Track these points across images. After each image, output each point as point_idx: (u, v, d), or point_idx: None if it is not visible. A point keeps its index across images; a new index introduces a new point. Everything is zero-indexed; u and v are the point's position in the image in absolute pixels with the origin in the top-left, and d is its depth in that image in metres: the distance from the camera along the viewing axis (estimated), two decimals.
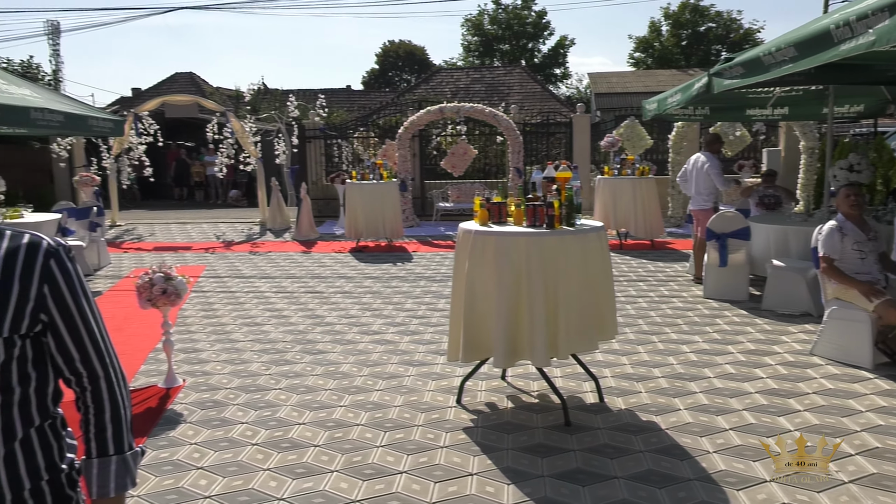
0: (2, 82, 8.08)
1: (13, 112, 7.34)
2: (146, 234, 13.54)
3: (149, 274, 4.67)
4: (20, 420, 1.29)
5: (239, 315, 6.99)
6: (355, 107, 27.92)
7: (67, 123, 8.35)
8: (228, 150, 13.89)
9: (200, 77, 26.47)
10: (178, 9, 55.69)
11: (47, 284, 1.30)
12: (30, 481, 1.30)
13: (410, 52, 44.96)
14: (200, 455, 3.73)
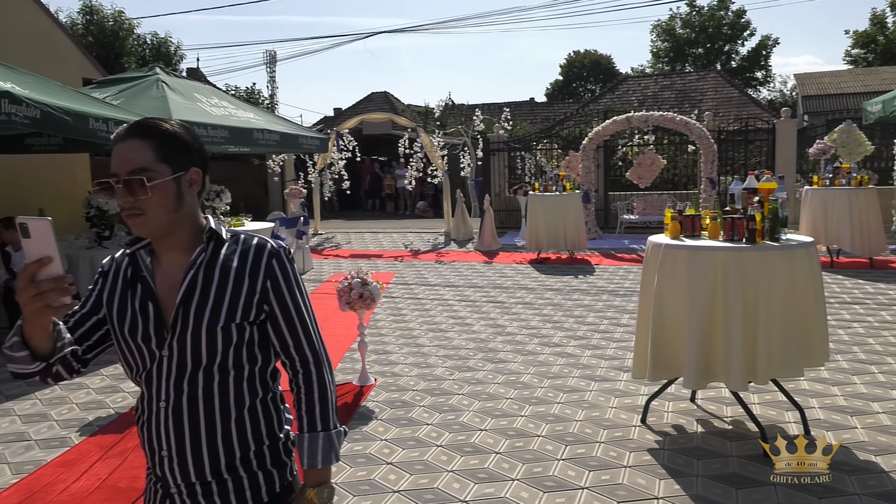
0: (232, 107, 9.23)
1: (241, 133, 8.34)
2: (343, 242, 14.66)
3: (348, 279, 5.05)
4: (248, 392, 1.52)
5: (425, 321, 7.32)
6: (538, 119, 28.05)
7: (282, 142, 9.33)
8: (418, 163, 14.62)
9: (393, 95, 28.21)
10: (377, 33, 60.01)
11: (269, 280, 1.52)
12: (254, 444, 1.52)
13: (596, 61, 44.24)
14: (390, 451, 3.95)
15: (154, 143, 1.44)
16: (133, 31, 21.50)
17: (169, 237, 1.51)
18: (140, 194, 1.42)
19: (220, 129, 7.85)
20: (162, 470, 1.50)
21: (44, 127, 5.67)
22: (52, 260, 1.30)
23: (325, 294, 8.82)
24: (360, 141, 16.53)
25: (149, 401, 1.50)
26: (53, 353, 1.44)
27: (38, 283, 1.29)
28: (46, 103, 5.59)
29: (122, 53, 20.46)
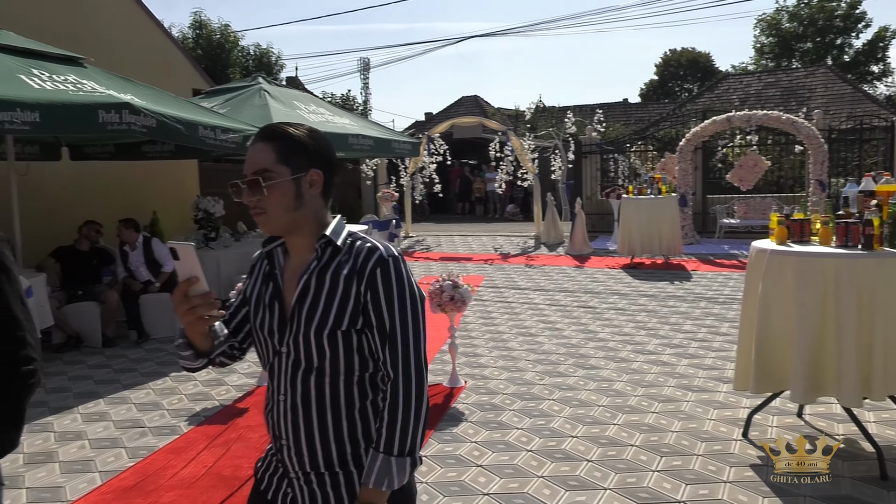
0: (328, 114, 9.54)
1: (337, 138, 8.60)
2: (434, 245, 14.83)
3: (439, 281, 5.11)
4: (358, 394, 1.55)
5: (515, 325, 7.28)
6: (632, 120, 27.35)
7: (376, 146, 9.55)
8: (508, 166, 14.59)
9: (484, 99, 28.29)
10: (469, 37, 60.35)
11: (369, 290, 1.50)
12: (363, 442, 1.55)
13: (694, 59, 42.64)
14: (480, 454, 3.96)
15: (276, 145, 1.52)
16: (238, 43, 22.67)
17: (294, 236, 1.58)
18: (259, 194, 1.51)
19: None
20: (282, 456, 1.59)
21: (159, 135, 6.07)
22: (199, 279, 1.49)
23: None
24: (451, 145, 16.69)
25: (272, 392, 1.60)
26: (213, 350, 1.63)
27: (189, 298, 1.49)
28: (161, 113, 5.98)
29: (228, 64, 21.60)
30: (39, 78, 5.53)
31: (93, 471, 3.87)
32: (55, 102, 5.22)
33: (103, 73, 6.50)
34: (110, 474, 3.83)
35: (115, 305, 7.00)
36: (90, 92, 5.68)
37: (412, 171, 15.95)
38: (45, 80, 5.55)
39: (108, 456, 4.09)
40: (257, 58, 24.03)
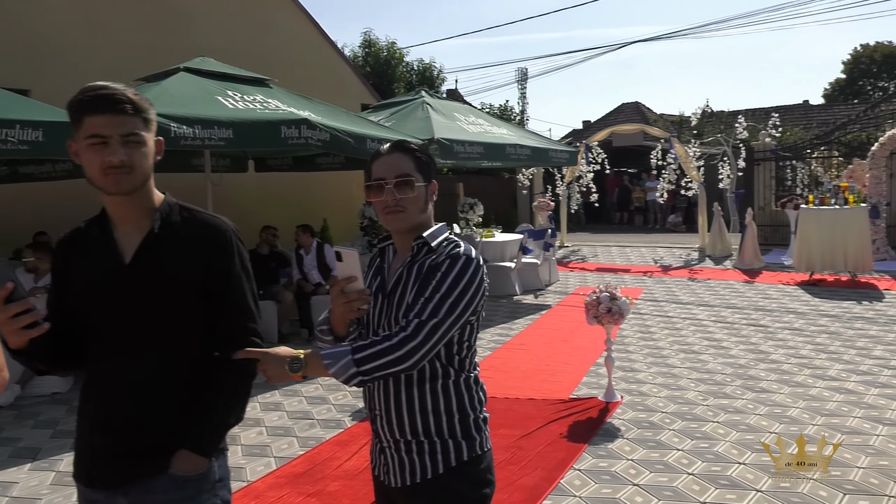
0: (487, 124, 9.71)
1: (495, 148, 8.74)
2: (589, 256, 14.54)
3: (596, 293, 5.00)
4: (441, 372, 1.75)
5: (675, 340, 6.94)
6: (813, 123, 25.02)
7: (533, 156, 9.57)
8: (671, 174, 13.96)
9: (645, 105, 27.29)
10: (630, 43, 58.52)
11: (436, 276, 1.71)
12: (445, 416, 1.75)
13: (890, 54, 38.21)
14: (636, 472, 3.82)
15: (412, 157, 1.79)
16: (403, 59, 23.76)
17: (407, 236, 1.80)
18: (407, 192, 1.74)
19: (477, 145, 8.31)
20: (376, 426, 1.82)
21: (331, 148, 6.54)
22: (357, 279, 1.70)
23: (569, 307, 8.82)
24: (610, 153, 16.29)
25: None
26: (346, 337, 1.85)
27: (346, 293, 1.69)
28: (334, 127, 6.43)
29: (393, 80, 22.71)
30: (233, 99, 6.17)
31: (269, 455, 4.23)
32: (245, 120, 5.80)
33: (285, 92, 7.12)
34: (284, 460, 4.17)
35: (290, 305, 7.60)
36: (274, 110, 6.24)
37: (569, 180, 15.76)
38: (237, 100, 6.19)
39: (283, 443, 4.45)
40: (420, 72, 25.04)
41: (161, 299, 1.65)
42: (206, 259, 1.69)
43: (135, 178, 1.62)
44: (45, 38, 8.99)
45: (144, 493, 1.65)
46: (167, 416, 1.66)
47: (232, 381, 1.73)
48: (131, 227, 1.68)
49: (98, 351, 1.67)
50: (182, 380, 1.69)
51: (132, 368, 1.64)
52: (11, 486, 3.90)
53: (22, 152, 4.70)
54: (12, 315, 1.45)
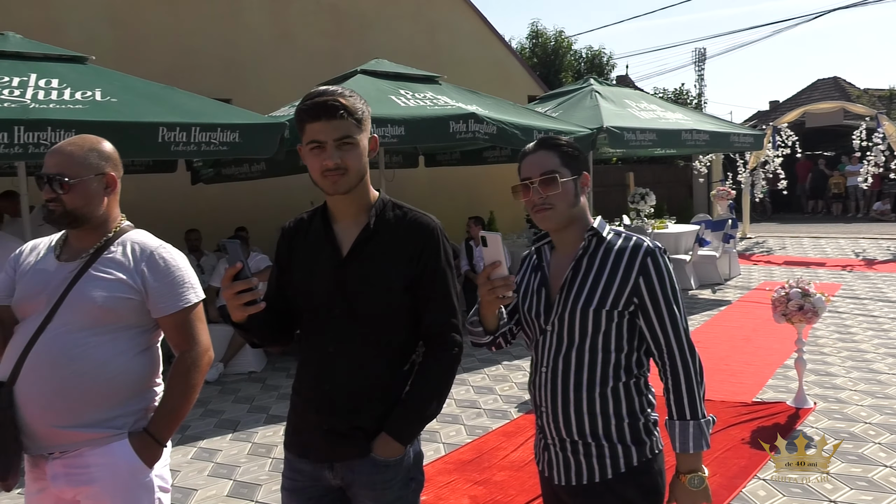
0: (660, 110, 9.25)
1: (669, 135, 8.30)
2: (776, 248, 13.34)
3: (785, 288, 4.57)
4: (612, 374, 1.74)
5: (881, 343, 6.15)
6: None
7: (712, 141, 8.95)
8: (878, 157, 12.37)
9: (845, 80, 24.42)
10: (829, 11, 52.37)
11: (642, 276, 1.71)
12: (615, 419, 1.73)
13: None
14: (833, 487, 3.44)
15: (558, 152, 1.78)
16: (570, 47, 23.36)
17: (565, 232, 1.80)
18: (552, 190, 1.74)
19: (649, 132, 7.94)
20: (542, 422, 1.82)
21: (498, 141, 6.58)
22: (501, 264, 1.68)
23: (752, 303, 8.16)
24: (801, 135, 14.78)
25: (536, 365, 1.83)
26: (497, 330, 1.86)
27: (491, 280, 1.68)
28: (501, 120, 6.47)
29: (561, 69, 22.40)
30: (405, 97, 6.43)
31: (438, 441, 4.37)
32: (416, 117, 6.01)
33: (454, 87, 7.28)
34: (452, 447, 4.28)
35: (460, 296, 7.78)
36: (443, 106, 6.41)
37: (752, 166, 14.54)
38: (408, 98, 6.44)
39: (451, 430, 4.57)
40: (589, 60, 24.43)
41: (372, 291, 1.74)
42: (415, 254, 1.76)
43: (350, 179, 1.72)
44: (243, 51, 9.96)
45: (348, 470, 1.77)
46: (372, 401, 1.75)
47: (434, 375, 1.80)
48: (349, 221, 1.79)
49: (314, 334, 1.80)
50: (388, 369, 1.77)
51: (343, 354, 1.75)
52: (216, 452, 4.38)
53: (222, 153, 5.24)
54: (237, 291, 1.61)
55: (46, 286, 1.89)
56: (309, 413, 1.80)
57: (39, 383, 1.82)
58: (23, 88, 4.74)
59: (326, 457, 1.77)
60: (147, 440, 1.91)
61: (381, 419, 1.76)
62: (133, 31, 9.08)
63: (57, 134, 4.36)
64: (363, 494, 1.77)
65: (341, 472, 1.77)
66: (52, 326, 1.85)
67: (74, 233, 1.97)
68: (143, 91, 5.39)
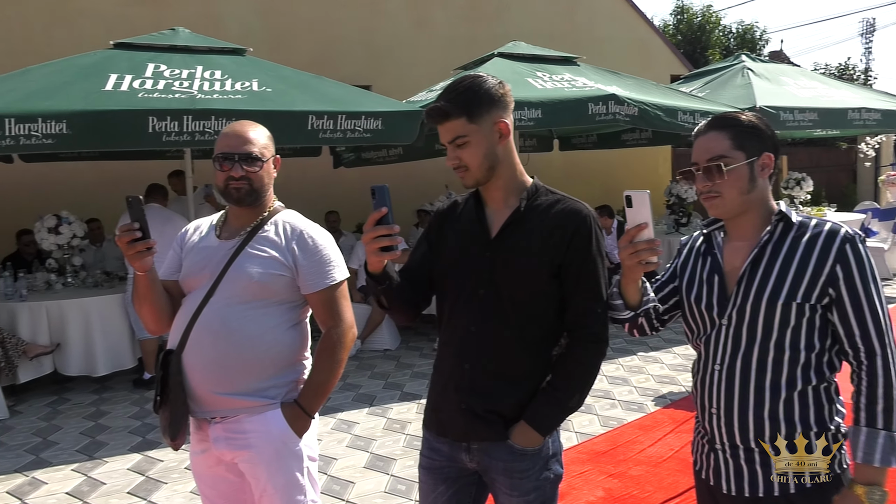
0: (822, 87, 8.46)
1: (832, 114, 7.59)
2: None
3: None
4: (801, 377, 1.56)
5: None
6: None
7: (884, 120, 8.07)
8: None
9: None
10: None
11: (840, 264, 1.53)
12: (800, 426, 1.56)
13: None
14: None
15: (730, 133, 1.61)
16: (719, 22, 21.91)
17: (741, 218, 1.64)
18: (717, 178, 1.59)
19: (808, 111, 7.28)
20: (710, 426, 1.66)
21: (640, 123, 6.32)
22: (647, 226, 1.56)
23: None
24: None
25: (705, 362, 1.67)
26: (639, 306, 1.71)
27: (635, 244, 1.57)
28: (643, 101, 6.19)
29: (707, 46, 21.10)
30: (542, 79, 6.32)
31: (570, 430, 4.30)
32: (553, 99, 5.90)
33: (593, 68, 7.06)
34: (585, 436, 4.20)
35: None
36: (581, 87, 6.24)
37: None
38: (545, 80, 6.32)
39: (584, 420, 4.49)
40: (739, 35, 22.80)
41: (519, 274, 1.72)
42: (565, 241, 1.71)
43: (474, 173, 1.72)
44: (382, 38, 10.26)
45: (484, 453, 1.76)
46: (511, 386, 1.74)
47: (578, 367, 1.75)
48: (500, 205, 1.78)
49: (457, 313, 1.80)
50: (529, 355, 1.74)
51: (485, 335, 1.74)
52: (354, 425, 4.59)
53: (365, 140, 5.42)
54: (377, 235, 1.60)
55: (209, 262, 2.03)
56: (448, 391, 1.80)
57: (203, 352, 1.96)
58: (191, 80, 5.17)
59: (463, 436, 1.77)
60: (297, 411, 2.01)
61: (519, 406, 1.73)
62: (283, 23, 9.63)
63: (220, 122, 4.72)
64: (500, 481, 1.76)
65: (478, 455, 1.77)
66: (214, 300, 1.98)
67: (235, 212, 2.09)
68: (294, 80, 5.70)
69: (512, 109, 1.78)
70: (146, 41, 5.74)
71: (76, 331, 5.42)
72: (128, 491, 3.68)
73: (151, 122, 4.62)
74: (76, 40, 7.37)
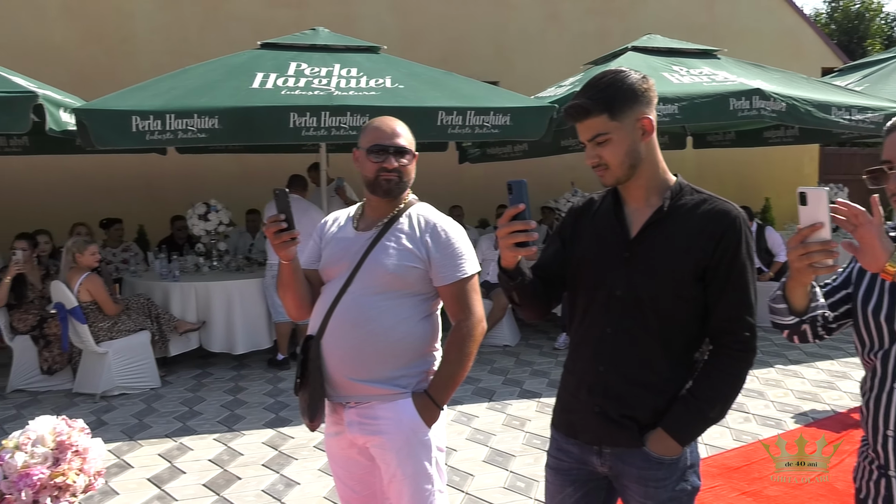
0: None
1: None
2: None
3: None
4: None
5: None
6: None
7: None
8: None
9: None
10: None
11: None
12: None
13: None
14: None
15: None
16: (881, 10, 19.97)
17: None
18: None
19: None
20: (884, 449, 1.52)
21: (788, 119, 5.88)
22: (823, 226, 1.40)
23: None
24: None
25: (881, 379, 1.53)
26: (806, 311, 1.56)
27: (806, 244, 1.41)
28: (791, 96, 5.77)
29: (866, 36, 19.30)
30: (679, 73, 6.04)
31: (700, 442, 4.08)
32: (691, 95, 5.62)
33: (735, 61, 6.66)
34: (715, 449, 3.98)
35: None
36: (722, 82, 5.90)
37: None
38: (682, 75, 6.04)
39: (714, 432, 4.25)
40: None
41: (658, 275, 1.65)
42: (712, 243, 1.62)
43: (614, 172, 1.66)
44: (511, 34, 10.23)
45: (617, 458, 1.71)
46: (648, 391, 1.67)
47: (722, 376, 1.65)
48: (641, 203, 1.71)
49: (592, 314, 1.75)
50: (669, 360, 1.67)
51: (621, 337, 1.68)
52: (473, 418, 4.62)
53: (493, 135, 5.44)
54: (513, 231, 1.58)
55: (347, 253, 2.09)
56: (581, 393, 1.75)
57: (340, 340, 2.03)
58: (329, 78, 5.40)
59: (596, 440, 1.73)
60: (427, 401, 2.04)
61: (656, 412, 1.66)
62: (415, 21, 9.85)
63: (355, 118, 4.90)
64: (632, 489, 1.70)
65: (610, 460, 1.72)
66: (352, 289, 2.04)
67: (373, 204, 2.14)
68: (425, 77, 5.80)
69: (655, 105, 1.69)
70: (289, 41, 6.07)
71: (219, 311, 5.85)
72: (262, 463, 3.92)
73: (292, 117, 4.88)
74: (227, 41, 7.91)
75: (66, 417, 2.39)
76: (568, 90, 6.17)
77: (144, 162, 7.93)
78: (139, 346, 5.31)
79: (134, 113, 4.68)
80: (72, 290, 5.06)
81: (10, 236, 5.72)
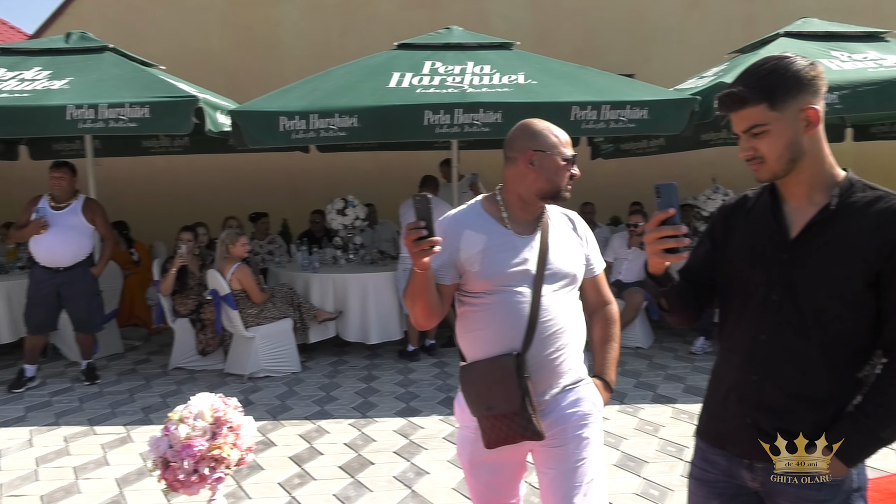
0: None
1: None
2: None
3: None
4: None
5: None
6: None
7: None
8: None
9: None
10: None
11: None
12: None
13: None
14: None
15: None
16: None
17: None
18: None
19: None
20: None
21: None
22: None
23: None
24: None
25: None
26: None
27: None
28: None
29: None
30: (839, 59, 5.54)
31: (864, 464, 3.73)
32: (853, 82, 5.15)
33: None
34: (876, 472, 3.61)
35: None
36: (891, 66, 5.34)
37: None
38: (844, 60, 5.53)
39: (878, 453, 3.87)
40: None
41: (822, 280, 1.52)
42: (888, 246, 1.47)
43: (771, 166, 1.54)
44: (649, 23, 9.82)
45: (771, 475, 1.58)
46: (808, 405, 1.55)
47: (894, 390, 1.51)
48: (803, 201, 1.58)
49: (745, 319, 1.64)
50: (833, 372, 1.53)
51: (778, 345, 1.57)
52: (604, 420, 4.49)
53: (629, 130, 5.26)
54: (662, 236, 1.54)
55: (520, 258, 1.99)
56: (730, 402, 1.65)
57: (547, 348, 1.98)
58: (462, 75, 5.47)
59: (746, 453, 1.61)
60: (602, 383, 2.16)
61: (818, 428, 1.52)
62: (548, 15, 9.72)
63: (487, 115, 4.93)
64: None
65: (763, 475, 1.59)
66: (545, 294, 1.98)
67: (523, 206, 2.04)
68: (559, 72, 5.72)
69: (824, 94, 1.55)
70: (424, 41, 6.21)
71: (355, 302, 6.11)
72: (394, 451, 4.05)
73: (427, 115, 4.99)
74: (365, 44, 8.21)
75: (222, 395, 2.60)
76: (711, 81, 5.83)
77: (289, 160, 8.43)
78: (283, 332, 5.66)
79: (281, 114, 5.00)
80: (224, 279, 5.49)
81: (173, 228, 6.31)
